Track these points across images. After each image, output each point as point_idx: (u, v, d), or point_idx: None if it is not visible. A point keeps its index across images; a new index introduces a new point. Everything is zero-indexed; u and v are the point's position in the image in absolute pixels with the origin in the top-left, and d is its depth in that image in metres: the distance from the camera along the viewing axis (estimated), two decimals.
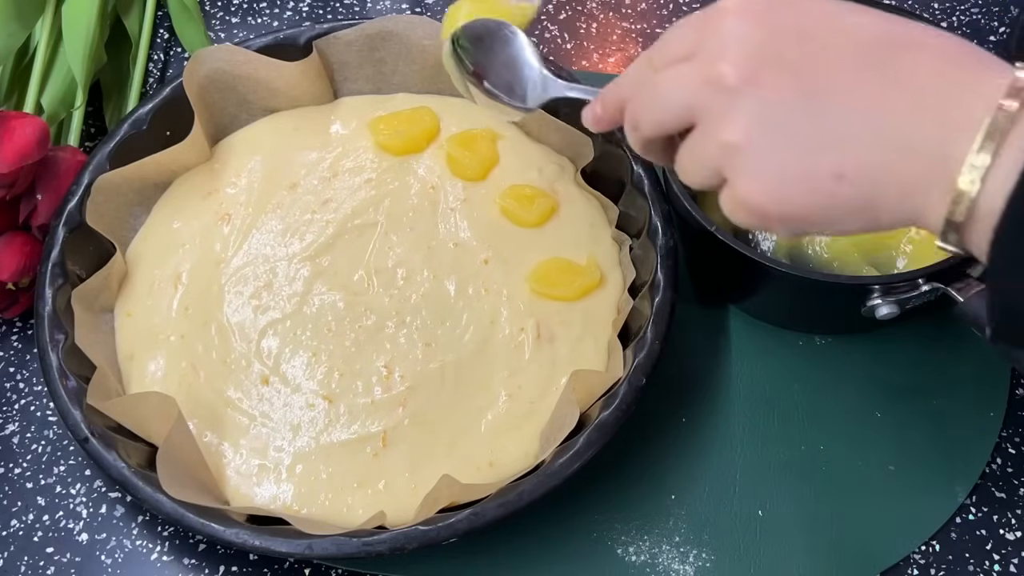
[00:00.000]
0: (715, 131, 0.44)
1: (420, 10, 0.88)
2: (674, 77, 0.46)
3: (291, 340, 0.67)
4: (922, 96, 0.42)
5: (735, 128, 0.44)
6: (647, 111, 0.48)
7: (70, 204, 0.68)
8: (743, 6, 0.45)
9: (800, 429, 0.67)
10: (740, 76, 0.43)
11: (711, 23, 0.45)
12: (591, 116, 0.53)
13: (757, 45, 0.43)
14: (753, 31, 0.44)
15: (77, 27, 0.77)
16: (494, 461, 0.63)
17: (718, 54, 0.44)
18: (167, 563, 0.64)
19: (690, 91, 0.45)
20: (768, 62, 0.43)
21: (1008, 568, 0.63)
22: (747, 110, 0.43)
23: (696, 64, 0.45)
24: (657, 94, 0.47)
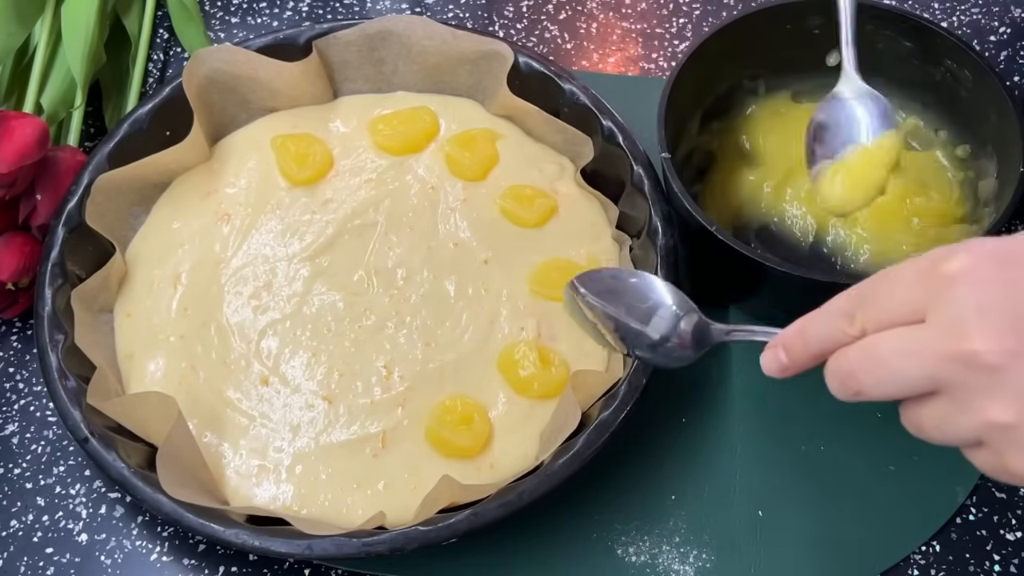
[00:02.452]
0: (975, 408, 0.42)
1: (420, 10, 0.88)
2: (905, 349, 0.43)
3: (291, 340, 0.67)
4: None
5: (1004, 408, 0.41)
6: (874, 382, 0.45)
7: (70, 204, 0.68)
8: (973, 270, 0.42)
9: (800, 429, 0.67)
10: (997, 352, 0.41)
11: (938, 287, 0.42)
12: (776, 366, 0.49)
13: (1002, 312, 0.41)
14: (992, 297, 0.41)
15: (76, 27, 0.76)
16: (494, 462, 0.63)
17: (961, 328, 0.41)
18: (167, 563, 0.64)
19: (931, 366, 0.42)
20: (1018, 329, 0.41)
21: (1008, 568, 0.63)
22: (1012, 388, 0.41)
23: (933, 336, 0.42)
24: (886, 365, 0.44)
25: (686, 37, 0.86)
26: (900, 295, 0.44)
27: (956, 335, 0.41)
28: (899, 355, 0.43)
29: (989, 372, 0.41)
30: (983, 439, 0.43)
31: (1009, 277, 0.41)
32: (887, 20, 0.72)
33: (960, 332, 0.41)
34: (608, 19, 0.87)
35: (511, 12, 0.88)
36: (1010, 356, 0.41)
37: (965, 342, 0.41)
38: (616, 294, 0.58)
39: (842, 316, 0.46)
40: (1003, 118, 0.67)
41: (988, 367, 0.41)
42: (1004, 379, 0.41)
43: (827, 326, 0.46)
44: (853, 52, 0.67)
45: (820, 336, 0.47)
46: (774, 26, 0.73)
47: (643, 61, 0.85)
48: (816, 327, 0.47)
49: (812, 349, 0.47)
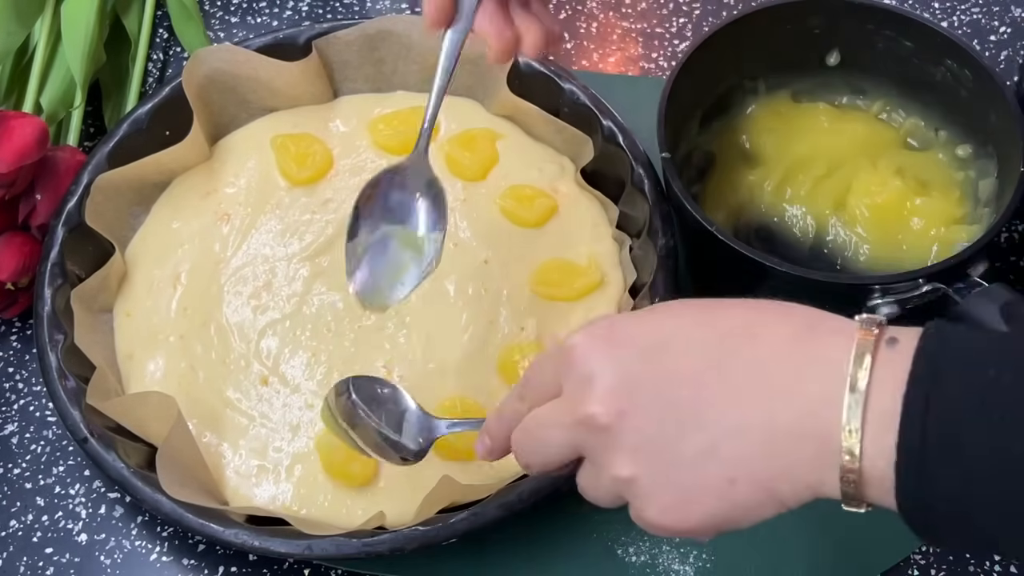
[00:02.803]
0: (604, 467, 0.45)
1: (420, 10, 0.88)
2: (548, 421, 0.47)
3: (290, 340, 0.67)
4: (773, 382, 0.42)
5: (621, 464, 0.44)
6: (533, 455, 0.49)
7: (69, 204, 0.68)
8: (587, 339, 0.46)
9: None
10: (608, 415, 0.44)
11: (565, 361, 0.46)
12: (483, 450, 0.53)
13: (611, 377, 0.44)
14: (604, 363, 0.45)
15: (76, 27, 0.76)
16: (494, 462, 0.63)
17: (581, 394, 0.45)
18: (166, 563, 0.64)
19: (567, 434, 0.46)
20: (628, 391, 0.44)
21: (1008, 569, 0.63)
22: (626, 444, 0.44)
23: (564, 406, 0.46)
24: (537, 438, 0.48)
25: (686, 37, 0.86)
26: (544, 373, 0.48)
27: (578, 402, 0.45)
28: (544, 427, 0.48)
29: (605, 432, 0.44)
30: (621, 495, 0.46)
31: (612, 348, 0.45)
32: (887, 20, 0.71)
33: (579, 399, 0.45)
34: (608, 19, 0.87)
35: None
36: (617, 415, 0.44)
37: (583, 407, 0.45)
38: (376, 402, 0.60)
39: (518, 398, 0.50)
40: (1003, 118, 0.67)
41: (602, 427, 0.44)
42: (617, 437, 0.44)
43: (510, 408, 0.50)
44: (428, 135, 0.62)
45: (508, 417, 0.50)
46: (774, 26, 0.73)
47: (643, 61, 0.85)
48: (506, 409, 0.51)
49: (505, 430, 0.51)
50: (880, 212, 0.70)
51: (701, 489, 0.44)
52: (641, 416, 0.44)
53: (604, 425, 0.44)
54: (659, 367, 0.44)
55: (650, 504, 0.45)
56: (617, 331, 0.46)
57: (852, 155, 0.72)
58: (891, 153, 0.73)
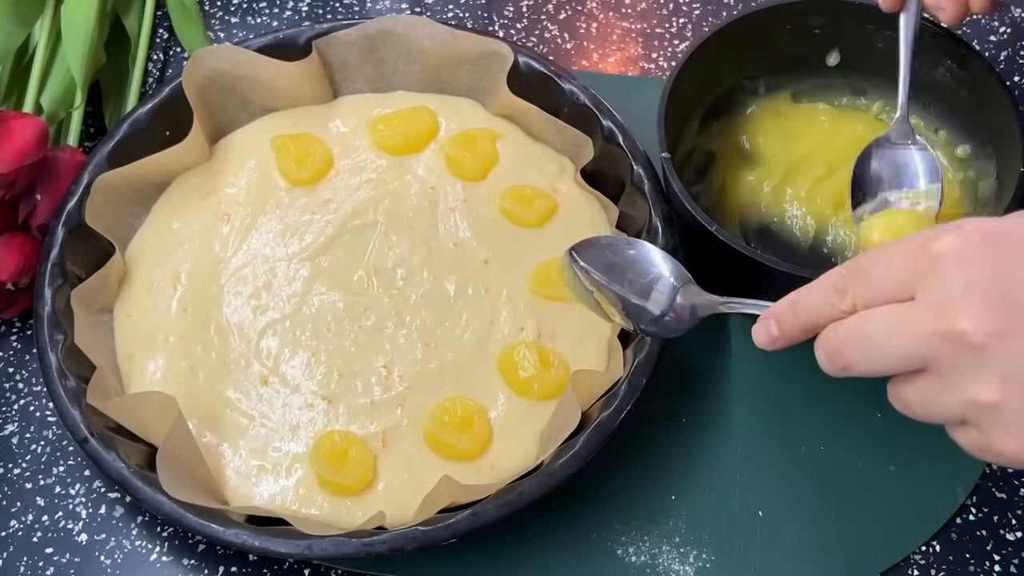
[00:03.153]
0: (960, 387, 0.42)
1: (420, 10, 0.88)
2: (893, 326, 0.44)
3: (290, 340, 0.67)
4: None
5: (988, 387, 0.41)
6: (861, 358, 0.45)
7: (69, 204, 0.68)
8: (962, 250, 0.42)
9: (800, 429, 0.67)
10: (983, 332, 0.41)
11: (928, 265, 0.43)
12: (766, 338, 0.50)
13: (989, 292, 0.41)
14: (979, 276, 0.41)
15: (76, 27, 0.76)
16: (494, 462, 0.63)
17: (949, 306, 0.41)
18: (166, 563, 0.64)
19: (919, 343, 0.43)
20: (1009, 310, 0.41)
21: (1008, 569, 0.63)
22: (998, 368, 0.41)
23: (921, 314, 0.43)
24: (874, 341, 0.44)
25: (686, 37, 0.86)
26: (891, 273, 0.44)
27: (943, 314, 0.42)
28: (887, 332, 0.44)
29: (975, 351, 0.41)
30: (967, 418, 0.43)
31: (997, 257, 0.42)
32: (887, 20, 0.71)
33: (947, 311, 0.42)
34: (608, 19, 0.87)
35: (511, 12, 0.88)
36: (996, 336, 0.41)
37: (952, 321, 0.41)
38: (617, 270, 0.58)
39: (833, 291, 0.46)
40: (1003, 118, 0.67)
41: (974, 346, 0.41)
42: (989, 358, 0.41)
43: (818, 300, 0.47)
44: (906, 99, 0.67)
45: (811, 310, 0.47)
46: (774, 26, 0.73)
47: (643, 61, 0.85)
48: (807, 301, 0.48)
49: (802, 323, 0.48)
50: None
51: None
52: (1018, 338, 0.40)
53: (977, 344, 0.41)
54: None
55: (1011, 436, 0.42)
56: (998, 238, 0.42)
57: (852, 155, 0.72)
58: None
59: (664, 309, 0.57)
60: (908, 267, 0.44)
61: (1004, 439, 0.42)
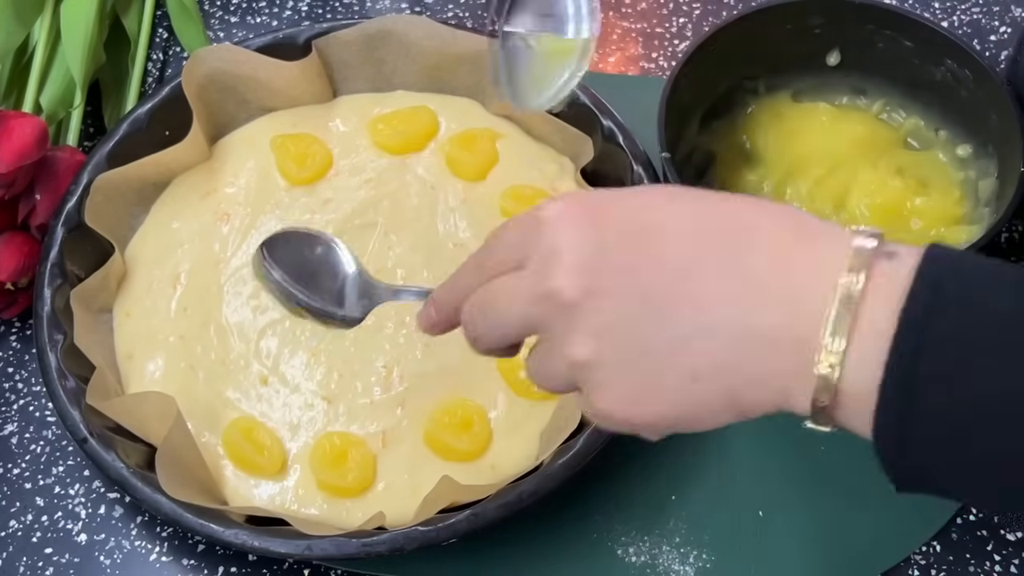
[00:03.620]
0: (560, 348, 0.43)
1: (420, 10, 0.88)
2: (507, 290, 0.45)
3: (290, 340, 0.67)
4: (762, 283, 0.40)
5: (581, 345, 0.42)
6: (485, 325, 0.46)
7: (69, 204, 0.68)
8: (565, 213, 0.43)
9: (800, 429, 0.67)
10: (575, 290, 0.42)
11: (535, 230, 0.44)
12: (426, 321, 0.51)
13: (586, 254, 0.42)
14: (579, 239, 0.42)
15: (76, 26, 0.76)
16: (494, 462, 0.63)
17: (548, 267, 0.43)
18: (166, 564, 0.64)
19: (526, 307, 0.44)
20: (600, 270, 0.42)
21: (1009, 569, 0.63)
22: (589, 325, 0.42)
23: (527, 277, 0.44)
24: (493, 308, 0.45)
25: (686, 37, 0.86)
26: (508, 241, 0.46)
27: (542, 274, 0.43)
28: (501, 297, 0.45)
29: (567, 308, 0.42)
30: (573, 380, 0.44)
31: (591, 223, 0.43)
32: (887, 20, 0.72)
33: (545, 271, 0.43)
34: (608, 19, 0.87)
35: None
36: (585, 293, 0.42)
37: (548, 281, 0.42)
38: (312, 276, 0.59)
39: (476, 267, 0.47)
40: (1003, 118, 0.67)
41: (566, 304, 0.42)
42: (580, 315, 0.42)
43: (466, 278, 0.48)
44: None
45: (460, 288, 0.48)
46: (774, 26, 0.73)
47: (643, 61, 0.85)
48: (458, 282, 0.48)
49: (454, 302, 0.48)
50: (880, 212, 0.70)
51: (661, 383, 0.42)
52: (611, 298, 0.42)
53: (568, 301, 0.42)
54: (642, 252, 0.42)
55: (604, 393, 0.43)
56: (599, 207, 0.43)
57: (852, 155, 0.72)
58: (891, 153, 0.73)
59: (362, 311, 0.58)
60: (520, 235, 0.45)
61: (600, 396, 0.43)
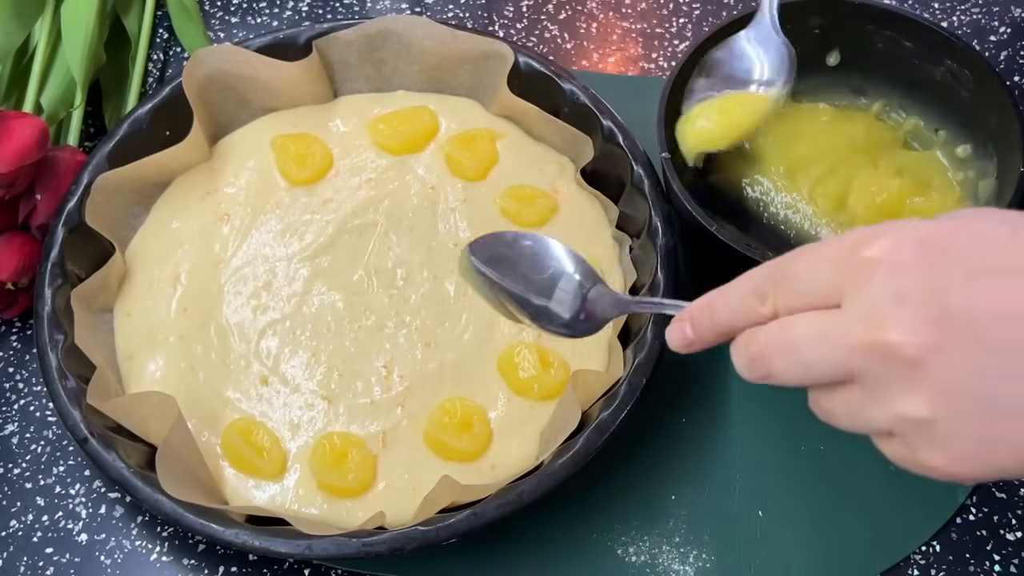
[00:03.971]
0: (889, 401, 0.41)
1: (420, 10, 0.88)
2: (819, 335, 0.41)
3: (290, 340, 0.67)
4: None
5: (918, 403, 0.40)
6: (785, 367, 0.43)
7: (69, 204, 0.68)
8: (894, 256, 0.40)
9: (800, 429, 0.67)
10: (915, 345, 0.39)
11: (856, 272, 0.41)
12: (681, 341, 0.47)
13: (922, 304, 0.39)
14: (912, 286, 0.39)
15: (76, 27, 0.76)
16: (494, 462, 0.63)
17: (879, 317, 0.39)
18: (166, 563, 0.64)
19: (846, 355, 0.41)
20: (943, 323, 0.39)
21: (1008, 569, 0.63)
22: (929, 383, 0.39)
23: (849, 323, 0.41)
24: (797, 350, 0.42)
25: (686, 37, 0.86)
26: (816, 277, 0.42)
27: (873, 325, 0.40)
28: (813, 341, 0.42)
29: (906, 365, 0.39)
30: (895, 431, 0.42)
31: (931, 265, 0.40)
32: (887, 20, 0.71)
33: (878, 322, 0.40)
34: (608, 19, 0.87)
35: (511, 12, 0.87)
36: (928, 350, 0.39)
37: (883, 333, 0.40)
38: (509, 262, 0.54)
39: (754, 294, 0.44)
40: (1003, 118, 0.67)
41: (905, 360, 0.39)
42: (921, 373, 0.39)
43: (738, 303, 0.45)
44: None
45: (729, 313, 0.45)
46: None
47: (643, 61, 0.85)
48: (726, 303, 0.45)
49: (719, 326, 0.46)
50: (880, 212, 0.70)
51: (1002, 442, 0.39)
52: (956, 355, 0.38)
53: (909, 358, 0.39)
54: (987, 297, 0.39)
55: (940, 451, 0.40)
56: (932, 244, 0.40)
57: (852, 155, 0.72)
58: (891, 153, 0.73)
59: (573, 310, 0.53)
60: (835, 271, 0.42)
61: (933, 455, 0.41)
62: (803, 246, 0.44)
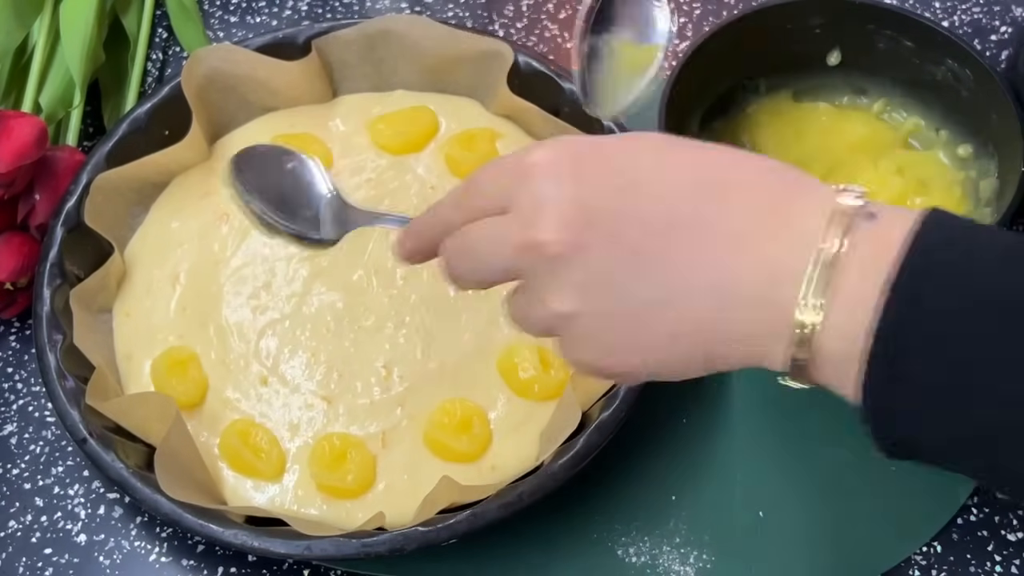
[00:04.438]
0: (543, 298, 0.43)
1: (420, 10, 0.88)
2: (490, 236, 0.45)
3: (290, 340, 0.67)
4: (743, 243, 0.41)
5: (563, 298, 0.43)
6: (466, 267, 0.46)
7: (68, 204, 0.68)
8: (552, 162, 0.43)
9: (800, 429, 0.67)
10: (561, 244, 0.42)
11: (521, 177, 0.43)
12: (402, 251, 0.51)
13: (572, 206, 0.42)
14: (566, 190, 0.42)
15: (75, 26, 0.76)
16: (494, 463, 0.63)
17: (533, 217, 0.43)
18: (165, 564, 0.63)
19: (509, 254, 0.44)
20: (586, 224, 0.42)
21: (1010, 569, 0.63)
22: (573, 279, 0.42)
23: (511, 225, 0.44)
24: (474, 252, 0.46)
25: (686, 37, 0.86)
26: (493, 184, 0.45)
27: (527, 224, 0.43)
28: (484, 242, 0.45)
29: (552, 261, 0.42)
30: (553, 328, 0.44)
31: (579, 174, 0.43)
32: (887, 20, 0.71)
33: (531, 222, 0.43)
34: None
35: (511, 11, 0.87)
36: (571, 247, 0.42)
37: (534, 232, 0.42)
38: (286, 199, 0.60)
39: (453, 205, 0.47)
40: (1004, 118, 0.67)
41: (551, 256, 0.42)
42: (565, 269, 0.42)
43: (444, 214, 0.48)
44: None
45: (438, 225, 0.48)
46: (774, 26, 0.73)
47: None
48: (436, 216, 0.49)
49: (429, 236, 0.49)
50: None
51: (639, 338, 0.42)
52: (596, 253, 0.42)
53: (554, 255, 0.42)
54: (627, 207, 0.42)
55: (583, 344, 0.43)
56: (587, 156, 0.43)
57: (852, 155, 0.72)
58: (891, 153, 0.73)
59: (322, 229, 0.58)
60: (505, 178, 0.45)
61: (583, 349, 0.44)
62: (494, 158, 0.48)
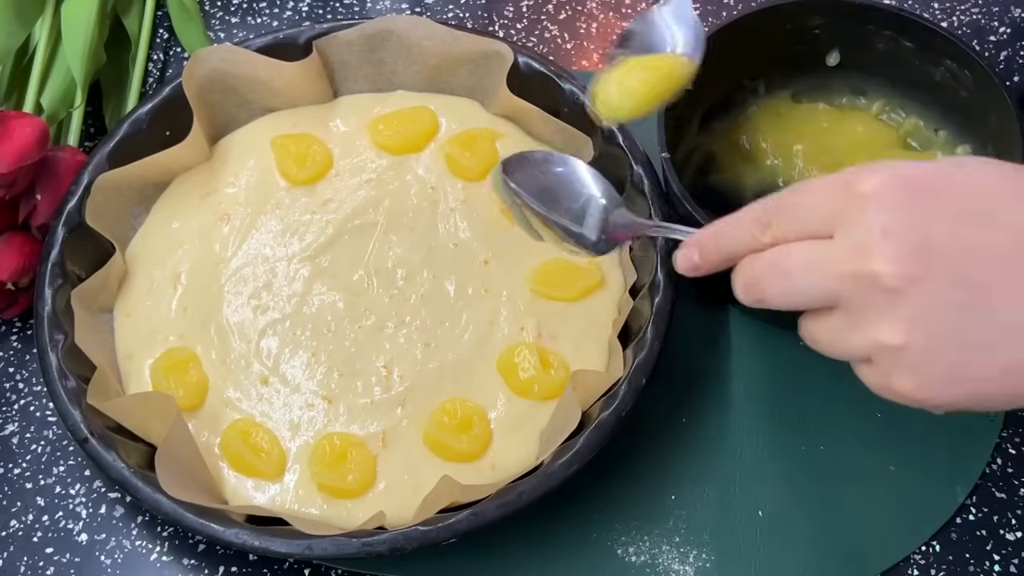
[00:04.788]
0: (868, 327, 0.43)
1: (420, 10, 0.88)
2: (810, 262, 0.44)
3: (290, 340, 0.67)
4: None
5: (893, 331, 0.42)
6: (776, 290, 0.46)
7: (70, 204, 0.68)
8: (884, 193, 0.43)
9: (800, 429, 0.67)
10: (895, 276, 0.42)
11: (850, 205, 0.43)
12: (687, 264, 0.51)
13: (906, 237, 0.42)
14: (898, 221, 0.42)
15: (76, 27, 0.76)
16: (494, 462, 0.63)
17: (866, 248, 0.42)
18: (167, 563, 0.64)
19: (833, 282, 0.44)
20: (926, 256, 0.41)
21: (1008, 568, 0.63)
22: (908, 313, 0.42)
23: (838, 253, 0.43)
24: (789, 276, 0.45)
25: None
26: (813, 209, 0.45)
27: (860, 254, 0.43)
28: (804, 268, 0.45)
29: (886, 294, 0.42)
30: (872, 357, 0.44)
31: (917, 204, 0.42)
32: (887, 20, 0.71)
33: (864, 252, 0.43)
34: (608, 19, 0.87)
35: (511, 12, 0.88)
36: (908, 280, 0.42)
37: (867, 262, 0.42)
38: (550, 193, 0.59)
39: (756, 223, 0.47)
40: (1003, 118, 0.67)
41: (886, 289, 0.42)
42: (900, 302, 0.42)
43: (741, 231, 0.48)
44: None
45: (733, 240, 0.48)
46: (774, 26, 0.73)
47: None
48: (731, 231, 0.48)
49: (724, 252, 0.49)
50: None
51: (968, 373, 0.42)
52: (933, 287, 0.41)
53: (889, 287, 0.42)
54: (966, 238, 0.41)
55: (910, 377, 0.43)
56: (925, 185, 0.42)
57: (851, 155, 0.72)
58: (891, 153, 0.73)
59: (598, 232, 0.58)
60: (830, 204, 0.44)
61: (903, 379, 0.43)
62: (803, 181, 0.47)
